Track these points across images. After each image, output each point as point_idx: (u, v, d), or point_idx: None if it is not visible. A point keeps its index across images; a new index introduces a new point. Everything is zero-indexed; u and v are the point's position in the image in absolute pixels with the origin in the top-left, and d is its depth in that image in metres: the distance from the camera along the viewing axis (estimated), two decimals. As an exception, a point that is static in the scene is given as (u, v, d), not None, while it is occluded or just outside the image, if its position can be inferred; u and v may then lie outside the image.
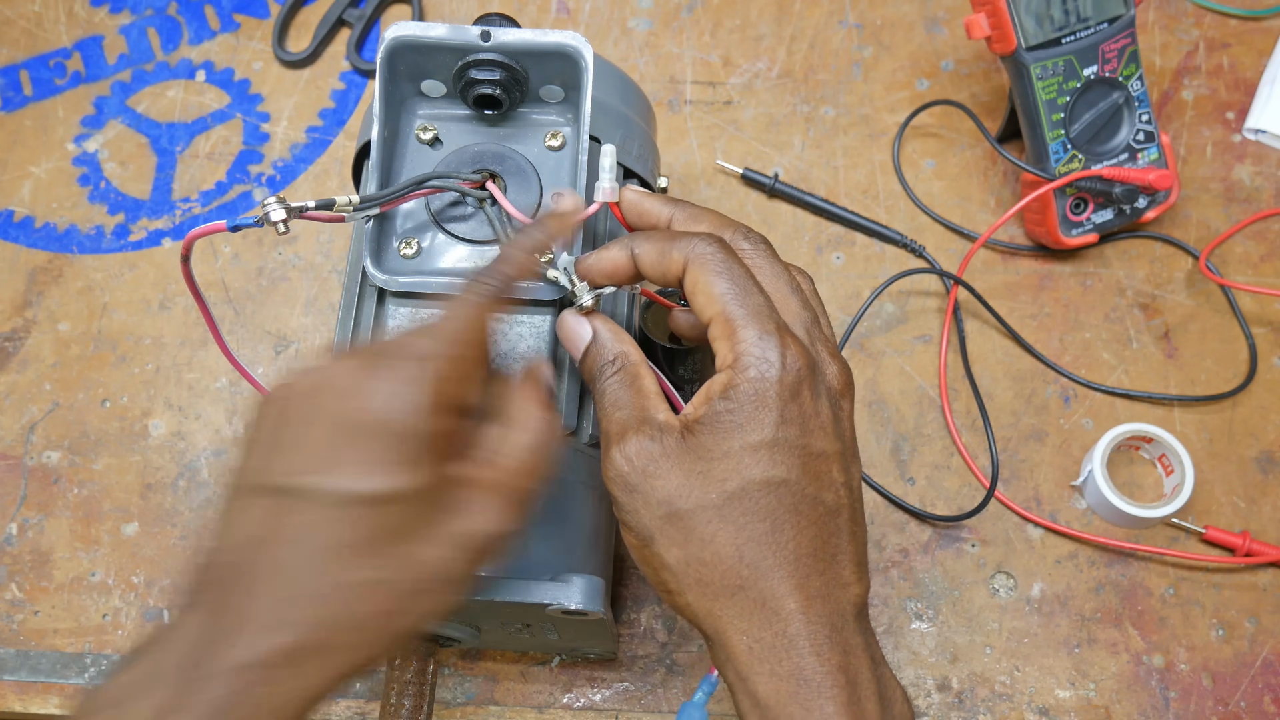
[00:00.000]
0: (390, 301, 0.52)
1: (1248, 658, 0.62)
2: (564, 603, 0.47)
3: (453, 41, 0.51)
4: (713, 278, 0.41)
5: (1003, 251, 0.71)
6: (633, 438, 0.41)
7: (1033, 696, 0.61)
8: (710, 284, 0.41)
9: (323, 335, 0.70)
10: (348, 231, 0.71)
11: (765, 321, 0.40)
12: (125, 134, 0.76)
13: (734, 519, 0.39)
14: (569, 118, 0.54)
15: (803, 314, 0.42)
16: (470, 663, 0.62)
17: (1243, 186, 0.72)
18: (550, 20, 0.78)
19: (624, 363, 0.44)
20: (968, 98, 0.75)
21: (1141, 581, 0.64)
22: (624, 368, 0.44)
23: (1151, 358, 0.68)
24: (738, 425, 0.40)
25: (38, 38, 0.78)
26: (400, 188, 0.49)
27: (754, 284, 0.41)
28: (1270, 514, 0.65)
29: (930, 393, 0.68)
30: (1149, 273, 0.70)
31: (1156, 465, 0.66)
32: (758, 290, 0.41)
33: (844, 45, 0.77)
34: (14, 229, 0.73)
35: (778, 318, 0.41)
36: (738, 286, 0.41)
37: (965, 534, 0.65)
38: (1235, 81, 0.75)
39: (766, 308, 0.41)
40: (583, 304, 0.47)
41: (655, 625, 0.63)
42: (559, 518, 0.51)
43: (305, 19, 0.79)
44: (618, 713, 0.61)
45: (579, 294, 0.47)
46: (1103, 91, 0.66)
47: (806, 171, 0.73)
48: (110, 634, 0.63)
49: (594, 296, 0.47)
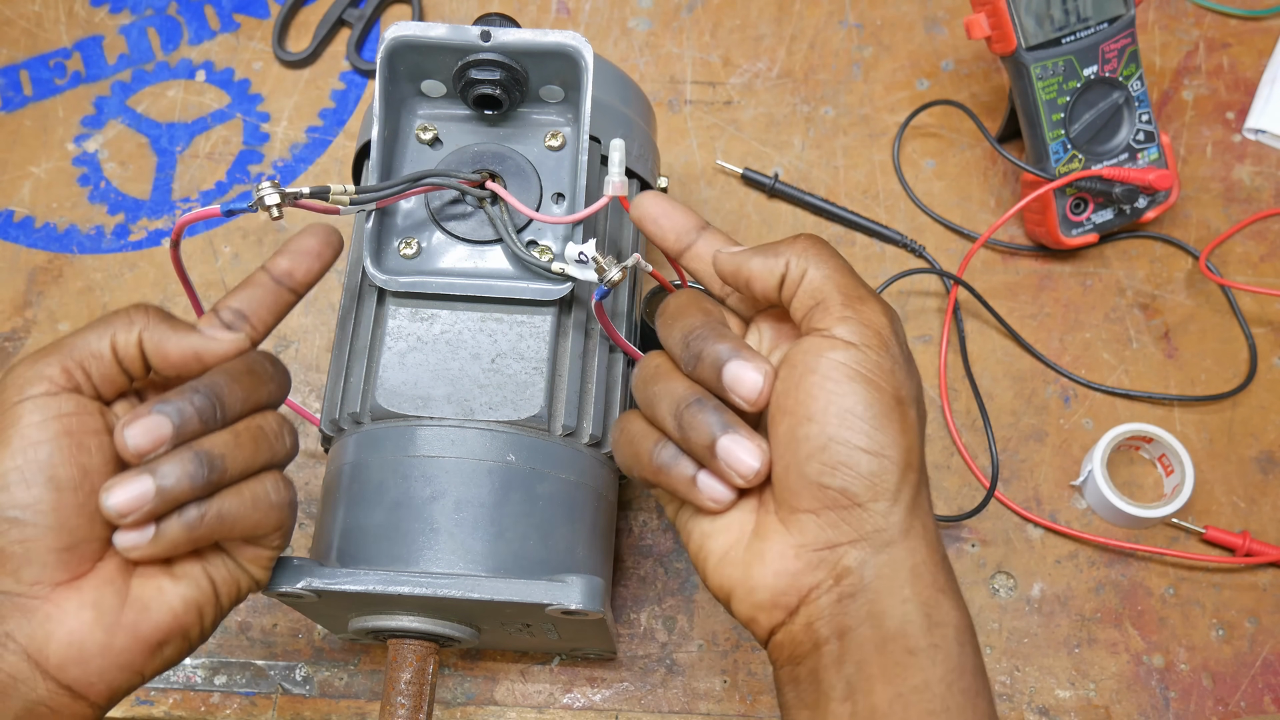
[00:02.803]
0: (390, 301, 0.52)
1: (1248, 658, 0.62)
2: (564, 603, 0.47)
3: (453, 41, 0.51)
4: (823, 264, 0.43)
5: (1003, 251, 0.71)
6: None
7: (1033, 696, 0.61)
8: (822, 266, 0.42)
9: (323, 335, 0.70)
10: (348, 232, 0.71)
11: (869, 293, 0.43)
12: (125, 134, 0.76)
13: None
14: (569, 118, 0.54)
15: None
16: (470, 663, 0.62)
17: (1243, 186, 0.72)
18: (550, 20, 0.78)
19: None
20: (968, 98, 0.75)
21: (1141, 581, 0.64)
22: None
23: (1151, 358, 0.68)
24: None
25: (38, 38, 0.78)
26: (398, 183, 0.49)
27: (850, 268, 0.43)
28: (1270, 514, 0.65)
29: (930, 393, 0.68)
30: (1149, 273, 0.70)
31: (1156, 465, 0.66)
32: (854, 273, 0.43)
33: (844, 45, 0.77)
34: (14, 229, 0.73)
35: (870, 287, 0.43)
36: (842, 267, 0.43)
37: (965, 534, 0.65)
38: (1235, 81, 0.75)
39: (863, 283, 0.43)
40: (611, 278, 0.46)
41: (655, 625, 0.63)
42: (559, 517, 0.51)
43: (305, 19, 0.79)
44: (618, 713, 0.61)
45: (607, 267, 0.47)
46: (1103, 91, 0.66)
47: (806, 171, 0.73)
48: (110, 634, 0.63)
49: (622, 269, 0.46)
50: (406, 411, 0.50)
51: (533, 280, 0.51)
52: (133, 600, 0.40)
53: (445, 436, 0.50)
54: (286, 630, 0.63)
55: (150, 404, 0.39)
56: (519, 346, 0.52)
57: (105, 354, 0.40)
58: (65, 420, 0.39)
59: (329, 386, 0.54)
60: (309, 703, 0.61)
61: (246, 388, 0.41)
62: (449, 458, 0.50)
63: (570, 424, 0.52)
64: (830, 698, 0.40)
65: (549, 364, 0.51)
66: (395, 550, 0.49)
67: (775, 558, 0.41)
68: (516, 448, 0.50)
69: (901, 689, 0.39)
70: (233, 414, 0.41)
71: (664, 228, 0.47)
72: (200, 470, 0.39)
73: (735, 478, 0.41)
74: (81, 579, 0.40)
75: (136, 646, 0.40)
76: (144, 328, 0.41)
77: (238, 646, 0.62)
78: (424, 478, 0.50)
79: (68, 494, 0.39)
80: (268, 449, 0.42)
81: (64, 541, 0.39)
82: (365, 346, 0.53)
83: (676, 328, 0.43)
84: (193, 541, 0.40)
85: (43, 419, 0.39)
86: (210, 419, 0.40)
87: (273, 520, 0.42)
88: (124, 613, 0.40)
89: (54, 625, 0.39)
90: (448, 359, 0.51)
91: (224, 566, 0.43)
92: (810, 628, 0.41)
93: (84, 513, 0.39)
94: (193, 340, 0.42)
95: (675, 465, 0.42)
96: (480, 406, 0.50)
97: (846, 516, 0.40)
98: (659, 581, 0.64)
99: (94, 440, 0.40)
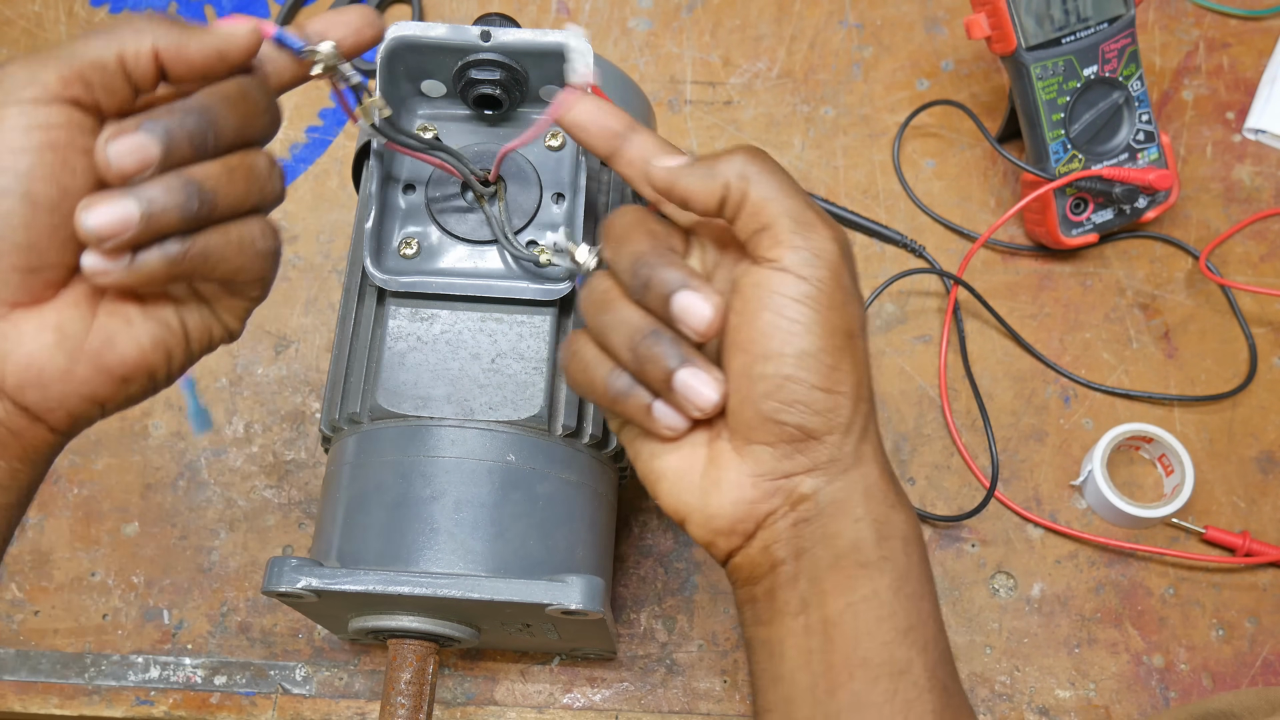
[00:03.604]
0: (390, 301, 0.52)
1: (1248, 658, 0.62)
2: (564, 603, 0.47)
3: (453, 41, 0.51)
4: (766, 182, 0.41)
5: (1003, 251, 0.71)
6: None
7: (1033, 696, 0.61)
8: (764, 185, 0.41)
9: (323, 335, 0.70)
10: (348, 232, 0.71)
11: (818, 216, 0.42)
12: (125, 134, 0.75)
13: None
14: (569, 118, 0.54)
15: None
16: (470, 663, 0.62)
17: (1243, 186, 0.72)
18: (550, 20, 0.78)
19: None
20: (968, 98, 0.75)
21: (1141, 581, 0.64)
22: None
23: (1151, 358, 0.68)
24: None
25: (38, 38, 0.78)
26: (416, 140, 0.49)
27: (796, 186, 0.42)
28: (1270, 514, 0.65)
29: (930, 393, 0.68)
30: (1149, 273, 0.70)
31: (1156, 465, 0.66)
32: (801, 192, 0.42)
33: (844, 45, 0.77)
34: (14, 229, 0.73)
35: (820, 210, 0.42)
36: (787, 185, 0.41)
37: (965, 534, 0.65)
38: (1235, 81, 0.75)
39: (810, 203, 0.42)
40: (587, 266, 0.45)
41: (655, 625, 0.63)
42: (559, 518, 0.51)
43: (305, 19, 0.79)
44: (618, 713, 0.61)
45: (583, 260, 0.45)
46: (1103, 91, 0.66)
47: (806, 171, 0.73)
48: (110, 634, 0.63)
49: (594, 253, 0.45)
50: (406, 411, 0.50)
51: (533, 280, 0.51)
52: (98, 329, 0.38)
53: (445, 436, 0.50)
54: (286, 630, 0.63)
55: (137, 120, 0.36)
56: (519, 346, 0.52)
57: (111, 63, 0.36)
58: (53, 132, 0.35)
59: (329, 386, 0.54)
60: (309, 703, 0.61)
61: (240, 116, 0.38)
62: (449, 458, 0.50)
63: (570, 424, 0.52)
64: (785, 612, 0.42)
65: (549, 364, 0.51)
66: (395, 550, 0.49)
67: (732, 486, 0.42)
68: (516, 448, 0.50)
69: (852, 598, 0.41)
70: (225, 144, 0.37)
71: (591, 133, 0.44)
72: (190, 201, 0.36)
73: (692, 409, 0.41)
74: (44, 303, 0.37)
75: (99, 377, 0.38)
76: (156, 34, 0.36)
77: (238, 646, 0.62)
78: (424, 478, 0.50)
79: (43, 212, 0.35)
80: (258, 189, 0.38)
81: (30, 262, 0.36)
82: (365, 346, 0.53)
83: (624, 251, 0.42)
84: (170, 278, 0.37)
85: (28, 126, 0.35)
86: (202, 145, 0.36)
87: (256, 268, 0.39)
88: (87, 340, 0.38)
89: (11, 345, 0.37)
90: (448, 359, 0.51)
91: (197, 312, 0.40)
92: (767, 550, 0.42)
93: (57, 235, 0.36)
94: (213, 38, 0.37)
95: (631, 394, 0.42)
96: (480, 406, 0.50)
97: (802, 448, 0.41)
98: (659, 581, 0.64)
99: (80, 160, 0.36)
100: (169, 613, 0.63)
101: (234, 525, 0.65)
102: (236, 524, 0.65)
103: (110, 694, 0.62)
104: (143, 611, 0.64)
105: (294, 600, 0.49)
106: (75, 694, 0.62)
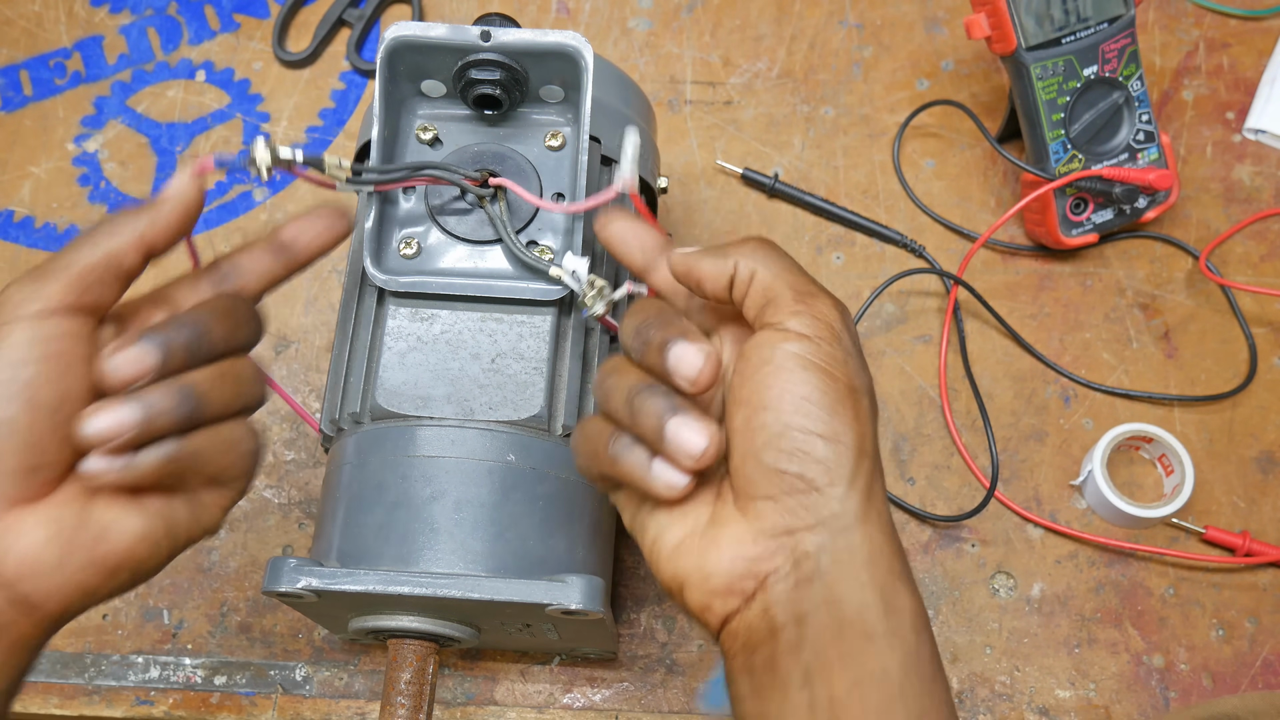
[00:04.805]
0: (390, 301, 0.52)
1: (1248, 658, 0.62)
2: (564, 603, 0.47)
3: (453, 41, 0.51)
4: (771, 263, 0.43)
5: (1003, 251, 0.71)
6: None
7: (1033, 696, 0.61)
8: (770, 265, 0.43)
9: (323, 335, 0.70)
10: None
11: (819, 289, 0.43)
12: (125, 134, 0.76)
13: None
14: (569, 118, 0.54)
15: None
16: (470, 663, 0.62)
17: (1243, 186, 0.72)
18: (550, 20, 0.78)
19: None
20: (968, 98, 0.75)
21: (1141, 581, 0.64)
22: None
23: (1151, 358, 0.68)
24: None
25: (38, 38, 0.78)
26: (398, 169, 0.49)
27: (800, 268, 0.44)
28: (1270, 514, 0.65)
29: (930, 393, 0.68)
30: (1149, 273, 0.70)
31: (1156, 465, 0.66)
32: (805, 272, 0.44)
33: (844, 45, 0.77)
34: (14, 229, 0.73)
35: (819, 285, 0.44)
36: (791, 266, 0.43)
37: (965, 534, 0.65)
38: (1235, 81, 0.75)
39: (813, 280, 0.43)
40: (595, 312, 0.46)
41: (655, 625, 0.63)
42: (559, 517, 0.51)
43: (305, 19, 0.79)
44: (618, 713, 0.61)
45: (589, 302, 0.46)
46: (1103, 91, 0.66)
47: (806, 171, 0.73)
48: (110, 634, 0.63)
49: (606, 303, 0.46)
50: (406, 411, 0.50)
51: (533, 280, 0.51)
52: (91, 524, 0.40)
53: (445, 436, 0.50)
54: (286, 630, 0.63)
55: (135, 334, 0.40)
56: (519, 346, 0.52)
57: (101, 265, 0.41)
58: (55, 343, 0.39)
59: (329, 386, 0.54)
60: (309, 703, 0.61)
61: (228, 328, 0.42)
62: (449, 458, 0.50)
63: (570, 424, 0.52)
64: (788, 685, 0.40)
65: (549, 364, 0.51)
66: (395, 550, 0.49)
67: (732, 543, 0.41)
68: (517, 448, 0.50)
69: (859, 675, 0.39)
70: (214, 352, 0.41)
71: (631, 247, 0.46)
72: (184, 405, 0.39)
73: (684, 459, 0.41)
74: (41, 500, 0.40)
75: (91, 568, 0.40)
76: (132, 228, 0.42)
77: (238, 646, 0.62)
78: (424, 478, 0.50)
79: (44, 415, 0.39)
80: (244, 392, 0.42)
81: (31, 462, 0.39)
82: (365, 346, 0.53)
83: (631, 324, 0.43)
84: (164, 475, 0.40)
85: (33, 339, 0.39)
86: (194, 355, 0.40)
87: (241, 465, 0.43)
88: (80, 535, 0.40)
89: (11, 540, 0.39)
90: (448, 359, 0.51)
91: (184, 505, 0.43)
92: (767, 613, 0.40)
93: (56, 436, 0.39)
94: (170, 204, 0.42)
95: (629, 454, 0.42)
96: (480, 406, 0.50)
97: (804, 501, 0.40)
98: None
99: (80, 366, 0.40)
100: (169, 613, 0.63)
101: (234, 525, 0.65)
102: (236, 524, 0.65)
103: (110, 694, 0.62)
104: (142, 611, 0.64)
105: (294, 600, 0.49)
106: (75, 694, 0.62)
